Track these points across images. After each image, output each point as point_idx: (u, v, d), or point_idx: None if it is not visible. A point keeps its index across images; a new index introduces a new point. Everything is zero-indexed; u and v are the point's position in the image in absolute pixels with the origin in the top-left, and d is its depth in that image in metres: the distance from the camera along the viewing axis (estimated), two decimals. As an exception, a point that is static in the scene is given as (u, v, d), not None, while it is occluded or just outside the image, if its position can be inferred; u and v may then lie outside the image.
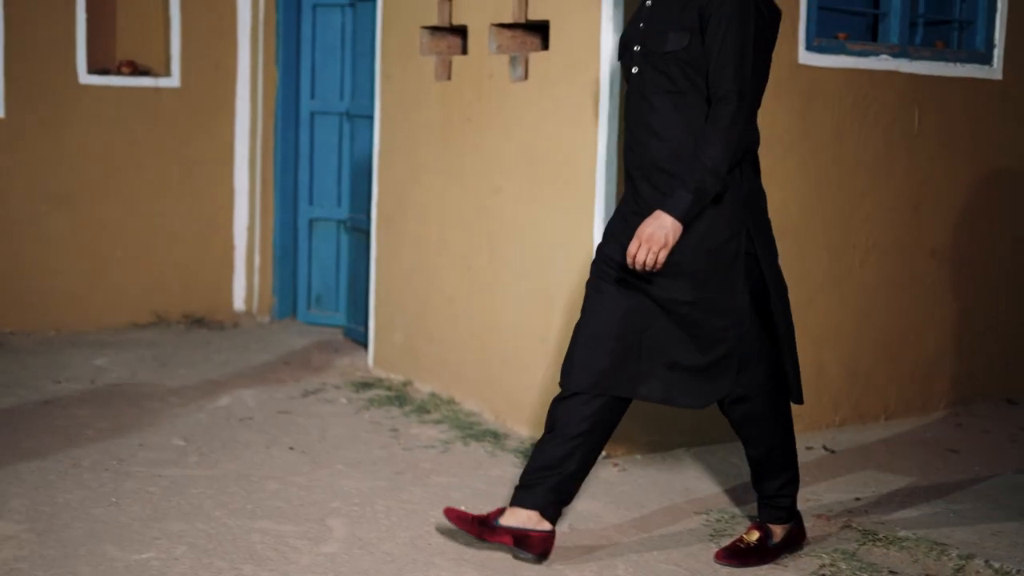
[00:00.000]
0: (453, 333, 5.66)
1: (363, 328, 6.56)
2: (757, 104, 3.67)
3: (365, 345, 6.53)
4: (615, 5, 4.74)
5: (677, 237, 3.55)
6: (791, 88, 5.21)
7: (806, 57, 5.24)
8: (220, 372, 6.15)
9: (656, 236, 3.53)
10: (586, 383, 3.74)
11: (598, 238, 4.83)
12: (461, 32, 5.71)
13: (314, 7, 7.06)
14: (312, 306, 7.27)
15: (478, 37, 5.45)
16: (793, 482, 3.96)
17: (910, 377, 5.68)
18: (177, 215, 7.13)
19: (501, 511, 3.86)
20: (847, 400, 5.52)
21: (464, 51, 5.68)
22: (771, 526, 3.97)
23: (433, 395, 5.72)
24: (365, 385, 5.91)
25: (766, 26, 3.66)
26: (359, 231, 6.64)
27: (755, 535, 3.95)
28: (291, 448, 4.97)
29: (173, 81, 7.05)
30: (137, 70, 7.01)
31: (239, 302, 7.38)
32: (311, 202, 7.17)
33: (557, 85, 5.01)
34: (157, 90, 7.02)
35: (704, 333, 3.71)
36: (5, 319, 6.77)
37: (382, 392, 5.80)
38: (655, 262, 3.56)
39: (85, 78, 6.82)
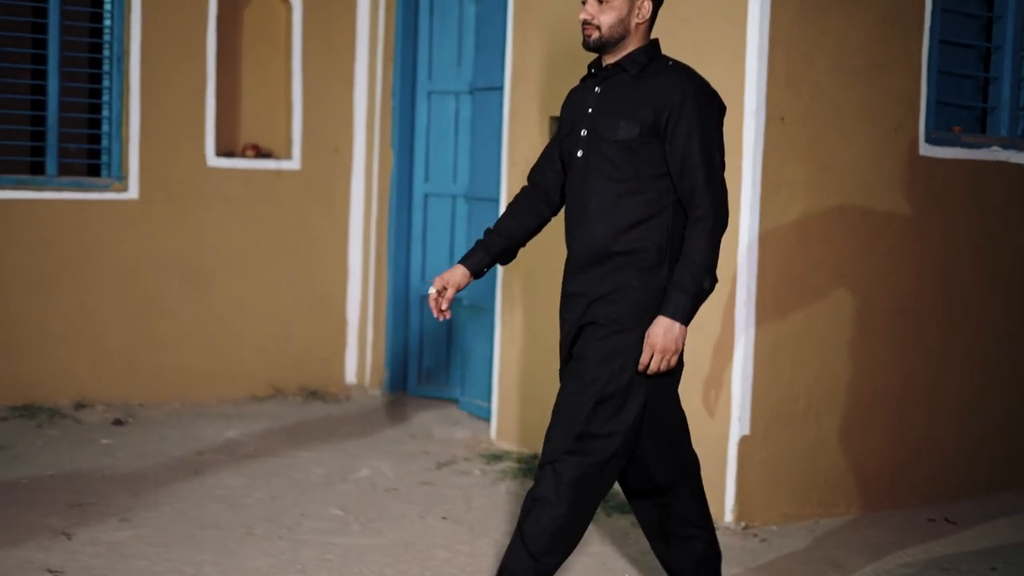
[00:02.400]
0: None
1: (480, 402, 6.83)
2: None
3: (483, 418, 6.80)
4: (758, 103, 5.05)
5: (684, 337, 3.67)
6: (912, 178, 5.52)
7: (926, 149, 5.56)
8: (350, 444, 6.41)
9: (667, 345, 3.65)
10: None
11: (740, 320, 5.12)
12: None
13: (429, 94, 7.41)
14: (422, 380, 7.55)
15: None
16: None
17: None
18: (294, 291, 7.44)
19: None
20: (958, 471, 5.78)
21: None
22: None
23: (563, 467, 5.97)
24: (495, 457, 6.17)
25: (722, 117, 3.79)
26: (475, 308, 6.94)
27: None
28: (444, 518, 5.22)
29: (294, 164, 7.39)
30: (260, 153, 7.35)
31: (351, 375, 7.66)
32: (423, 279, 7.47)
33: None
34: (279, 172, 7.35)
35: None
36: (135, 391, 7.05)
37: (512, 464, 6.05)
38: (668, 367, 3.69)
39: (213, 160, 7.15)
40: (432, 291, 3.95)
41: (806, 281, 5.26)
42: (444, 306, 3.96)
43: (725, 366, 5.17)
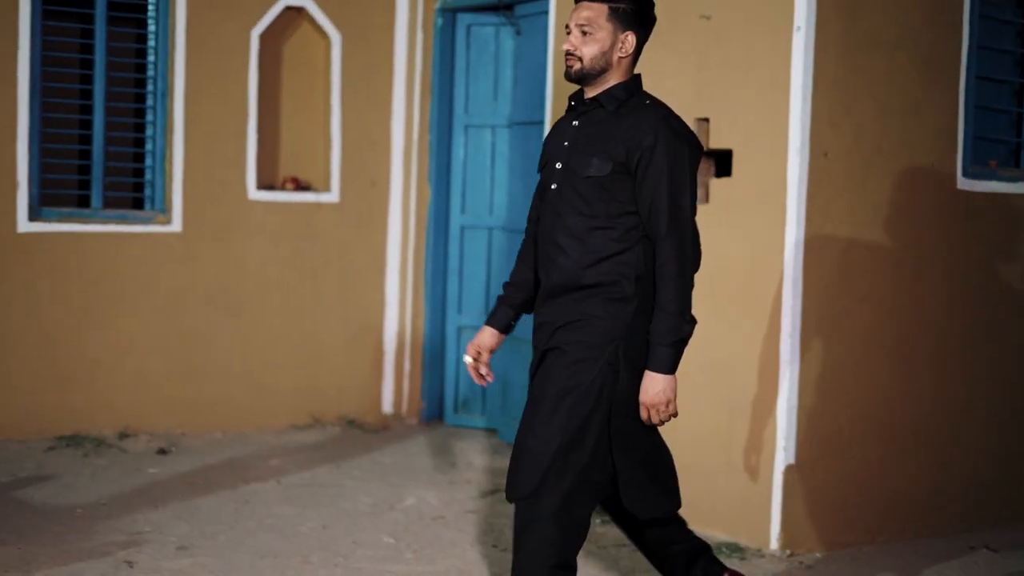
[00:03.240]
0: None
1: (519, 431, 6.92)
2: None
3: (522, 447, 6.89)
4: (802, 140, 5.17)
5: (675, 387, 3.69)
6: (950, 211, 5.63)
7: (963, 183, 5.67)
8: (393, 473, 6.51)
9: (659, 400, 3.67)
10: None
11: (785, 352, 5.23)
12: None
13: (465, 128, 7.54)
14: (459, 410, 7.65)
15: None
16: None
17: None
18: (333, 322, 7.54)
19: None
20: (998, 499, 5.87)
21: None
22: None
23: (605, 496, 6.06)
24: (537, 486, 6.26)
25: (695, 163, 3.76)
26: (511, 338, 7.03)
27: None
28: (494, 546, 5.32)
29: (333, 196, 7.51)
30: (300, 186, 7.47)
31: (388, 405, 7.76)
32: (460, 311, 7.58)
33: (742, 210, 5.43)
34: (318, 205, 7.47)
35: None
36: (177, 421, 7.16)
37: (555, 493, 6.14)
38: (669, 416, 3.72)
39: (254, 194, 7.28)
40: (468, 359, 3.99)
41: (849, 313, 5.37)
42: (483, 371, 4.00)
43: (771, 397, 5.27)
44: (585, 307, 3.74)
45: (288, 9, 7.35)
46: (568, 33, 3.79)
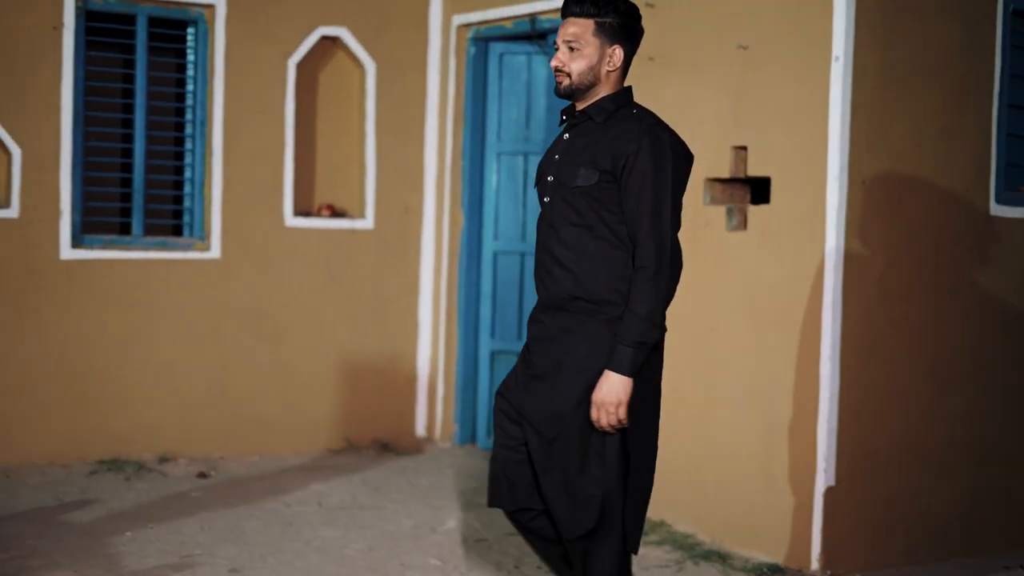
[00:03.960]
0: (660, 460, 6.10)
1: (554, 454, 7.01)
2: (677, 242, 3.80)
3: (557, 470, 6.97)
4: (841, 167, 5.28)
5: (630, 391, 3.67)
6: (984, 236, 5.73)
7: (996, 209, 5.77)
8: (432, 496, 6.60)
9: (609, 399, 3.67)
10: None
11: (824, 375, 5.33)
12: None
13: (498, 155, 7.65)
14: (491, 433, 7.72)
15: (691, 189, 5.98)
16: None
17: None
18: (367, 346, 7.64)
19: None
20: (1035, 523, 5.97)
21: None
22: None
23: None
24: (576, 508, 6.35)
25: (681, 171, 3.78)
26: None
27: None
28: (539, 567, 5.40)
29: (367, 223, 7.62)
30: (335, 213, 7.58)
31: (421, 428, 7.85)
32: (493, 335, 7.68)
33: (779, 236, 5.53)
34: (353, 231, 7.58)
35: (566, 464, 3.81)
36: (215, 445, 7.25)
37: (594, 515, 6.23)
38: (618, 420, 3.69)
39: (290, 220, 7.39)
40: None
41: (886, 338, 5.46)
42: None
43: (811, 419, 5.36)
44: (588, 328, 3.77)
45: (324, 39, 7.48)
46: (556, 49, 3.85)
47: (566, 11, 3.85)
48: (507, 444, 3.99)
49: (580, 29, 3.81)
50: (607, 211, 3.75)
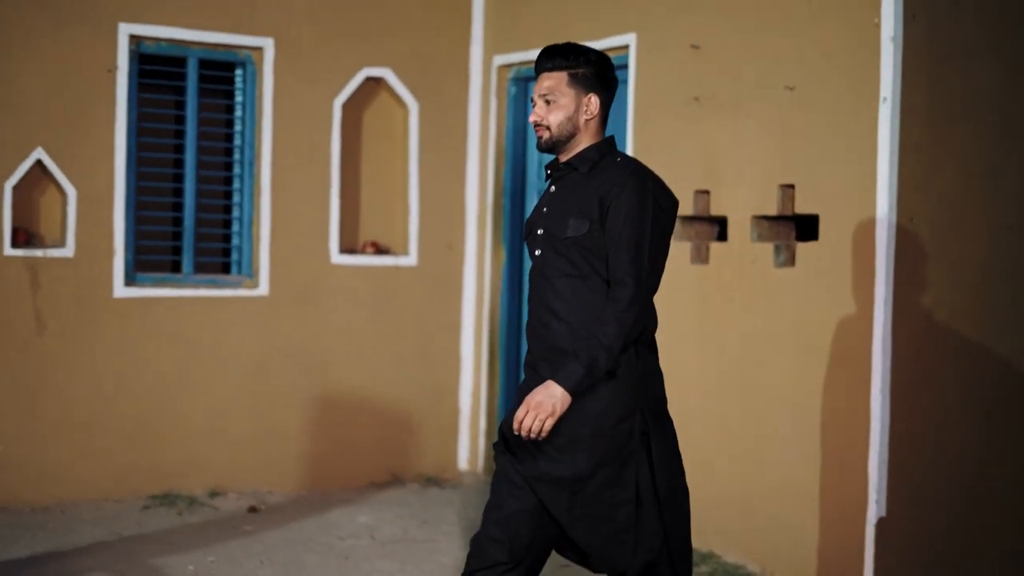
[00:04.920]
0: (710, 492, 6.22)
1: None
2: (654, 289, 3.84)
3: (602, 502, 7.07)
4: (890, 205, 5.41)
5: (565, 407, 3.67)
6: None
7: (1038, 244, 5.89)
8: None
9: (544, 404, 3.66)
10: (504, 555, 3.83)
11: (875, 408, 5.44)
12: (718, 221, 6.38)
13: (538, 192, 7.78)
14: (533, 466, 7.83)
15: (739, 227, 6.12)
16: None
17: None
18: (411, 381, 7.76)
19: None
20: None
21: (721, 238, 6.34)
22: None
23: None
24: (625, 540, 6.45)
25: (662, 215, 3.81)
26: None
27: None
28: (595, 599, 5.50)
29: (411, 260, 7.75)
30: (379, 250, 7.72)
31: (463, 462, 7.96)
32: (534, 369, 7.79)
33: (828, 273, 5.65)
34: (397, 268, 7.72)
35: (598, 511, 3.80)
36: (264, 479, 7.36)
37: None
38: (541, 430, 3.67)
39: (336, 258, 7.52)
40: None
41: (935, 371, 5.58)
42: None
43: (862, 452, 5.47)
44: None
45: (369, 79, 7.63)
46: (534, 104, 3.91)
47: (539, 67, 3.93)
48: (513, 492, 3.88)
49: (554, 82, 3.88)
50: (599, 260, 3.79)
